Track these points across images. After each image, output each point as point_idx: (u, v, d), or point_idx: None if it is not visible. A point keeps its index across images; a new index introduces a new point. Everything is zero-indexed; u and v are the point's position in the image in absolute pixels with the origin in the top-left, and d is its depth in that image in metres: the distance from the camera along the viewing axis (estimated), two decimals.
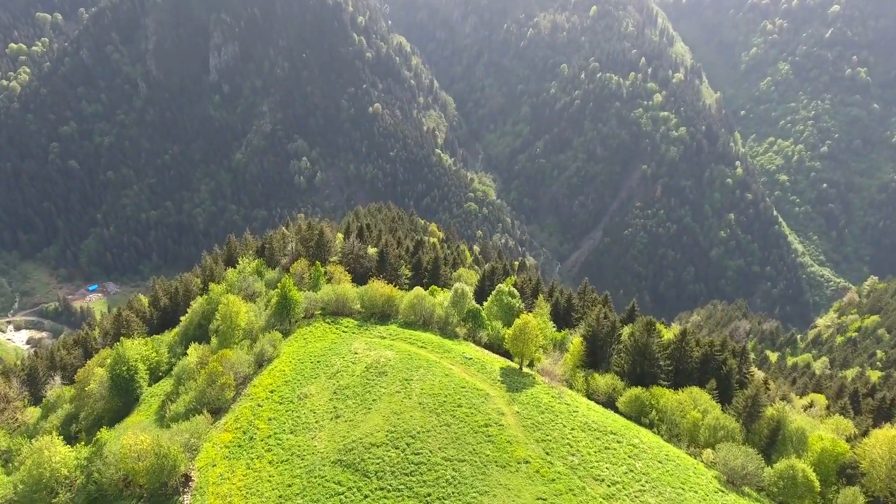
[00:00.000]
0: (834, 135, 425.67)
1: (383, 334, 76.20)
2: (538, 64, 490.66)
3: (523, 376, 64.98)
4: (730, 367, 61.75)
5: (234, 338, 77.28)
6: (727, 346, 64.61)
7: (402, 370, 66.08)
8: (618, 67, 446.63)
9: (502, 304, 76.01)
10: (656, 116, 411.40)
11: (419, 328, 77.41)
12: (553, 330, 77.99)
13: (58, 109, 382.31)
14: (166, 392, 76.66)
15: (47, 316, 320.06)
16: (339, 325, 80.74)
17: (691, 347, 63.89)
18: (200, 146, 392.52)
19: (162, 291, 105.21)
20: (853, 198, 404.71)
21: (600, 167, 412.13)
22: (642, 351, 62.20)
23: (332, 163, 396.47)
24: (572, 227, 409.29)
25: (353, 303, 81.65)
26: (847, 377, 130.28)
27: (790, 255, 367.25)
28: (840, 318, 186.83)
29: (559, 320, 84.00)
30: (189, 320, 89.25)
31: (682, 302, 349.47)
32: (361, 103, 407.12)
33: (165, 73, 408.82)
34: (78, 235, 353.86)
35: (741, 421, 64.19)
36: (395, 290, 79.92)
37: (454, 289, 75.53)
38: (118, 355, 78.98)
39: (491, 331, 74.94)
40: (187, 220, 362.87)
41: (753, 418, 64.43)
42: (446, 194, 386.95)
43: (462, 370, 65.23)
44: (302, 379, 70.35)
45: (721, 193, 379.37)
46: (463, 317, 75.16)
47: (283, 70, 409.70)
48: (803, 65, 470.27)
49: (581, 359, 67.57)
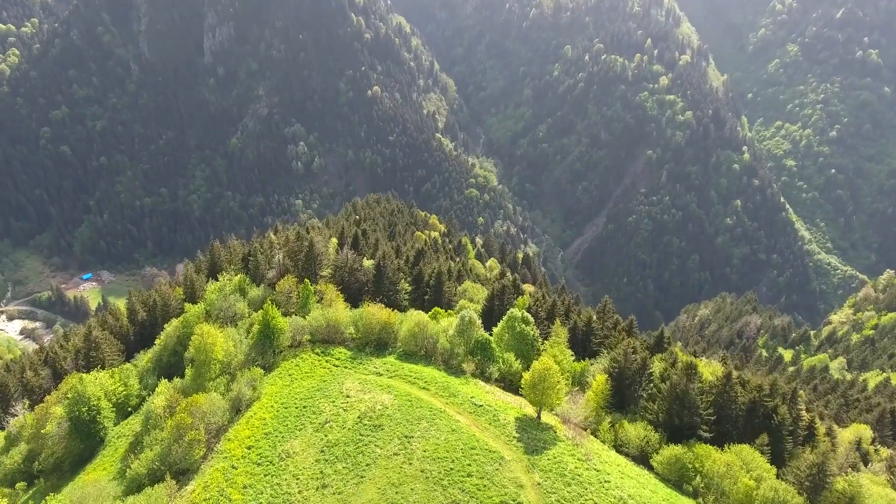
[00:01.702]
0: (843, 119, 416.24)
1: (380, 369, 66.79)
2: (541, 45, 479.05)
3: (542, 430, 56.00)
4: (782, 418, 54.10)
5: (210, 373, 68.93)
6: (777, 389, 56.58)
7: (402, 422, 56.28)
8: (623, 49, 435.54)
9: (515, 331, 67.39)
10: (662, 100, 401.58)
11: (420, 360, 68.65)
12: (571, 359, 69.81)
13: (48, 93, 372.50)
14: (134, 433, 68.52)
15: (41, 305, 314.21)
16: (330, 356, 70.68)
17: (737, 392, 56.44)
18: (195, 131, 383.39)
19: (139, 304, 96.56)
20: (862, 184, 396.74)
21: (604, 152, 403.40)
22: (681, 399, 54.83)
23: (331, 148, 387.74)
24: (575, 213, 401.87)
25: (347, 328, 72.56)
26: (868, 382, 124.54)
27: (797, 242, 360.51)
28: (856, 314, 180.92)
29: (577, 345, 75.17)
30: (163, 345, 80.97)
31: (687, 290, 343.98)
32: (360, 86, 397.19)
33: (158, 56, 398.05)
34: (71, 223, 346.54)
35: (804, 493, 54.31)
36: (393, 316, 71.46)
37: (460, 316, 67.15)
38: (77, 394, 69.74)
39: (503, 364, 66.48)
40: (182, 208, 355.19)
41: (819, 489, 54.79)
42: (447, 180, 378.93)
43: (471, 421, 55.71)
44: (284, 430, 59.83)
45: (727, 179, 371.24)
46: (470, 348, 66.42)
47: (279, 52, 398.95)
48: (812, 46, 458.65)
49: (606, 399, 59.42)
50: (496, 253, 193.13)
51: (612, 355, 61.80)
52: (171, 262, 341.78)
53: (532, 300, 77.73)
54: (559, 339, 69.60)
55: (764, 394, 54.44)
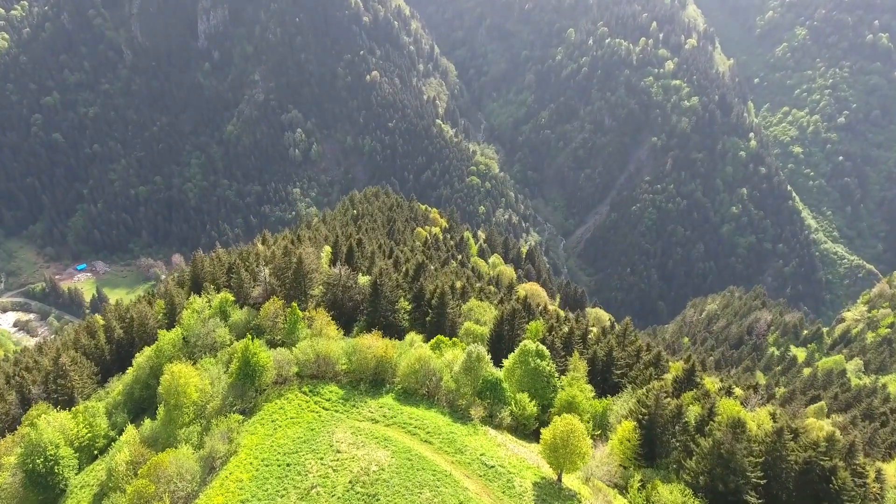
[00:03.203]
0: (852, 104, 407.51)
1: (375, 414, 58.21)
2: (544, 28, 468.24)
3: (565, 498, 48.11)
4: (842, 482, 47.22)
5: (182, 417, 60.89)
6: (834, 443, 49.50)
7: (401, 491, 47.35)
8: (627, 32, 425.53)
9: (528, 368, 59.59)
10: (667, 85, 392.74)
11: (422, 402, 60.37)
12: (592, 397, 62.19)
13: (39, 78, 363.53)
14: (99, 482, 60.73)
15: (34, 297, 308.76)
16: (320, 396, 61.86)
17: (789, 450, 49.57)
18: (190, 117, 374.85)
19: (116, 321, 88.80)
20: (870, 171, 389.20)
21: (608, 139, 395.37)
22: (726, 460, 48.51)
23: (329, 134, 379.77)
24: (578, 201, 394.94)
25: (338, 361, 64.07)
26: (889, 386, 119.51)
27: (803, 231, 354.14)
28: (870, 311, 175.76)
29: (596, 376, 67.75)
30: (134, 377, 73.12)
31: (691, 280, 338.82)
32: (358, 71, 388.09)
33: (151, 39, 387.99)
34: (64, 212, 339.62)
35: None
36: (391, 349, 63.10)
37: (467, 353, 59.28)
38: (31, 444, 62.19)
39: (515, 407, 58.77)
40: (178, 196, 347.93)
41: None
42: (447, 168, 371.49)
43: (481, 488, 47.54)
44: (264, 497, 50.49)
45: (734, 167, 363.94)
46: (478, 389, 58.67)
47: (275, 35, 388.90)
48: (821, 29, 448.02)
49: (633, 450, 52.58)
50: (499, 248, 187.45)
51: (640, 397, 55.27)
52: (166, 252, 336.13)
53: (546, 326, 70.63)
54: (578, 375, 63.36)
55: (820, 451, 47.87)
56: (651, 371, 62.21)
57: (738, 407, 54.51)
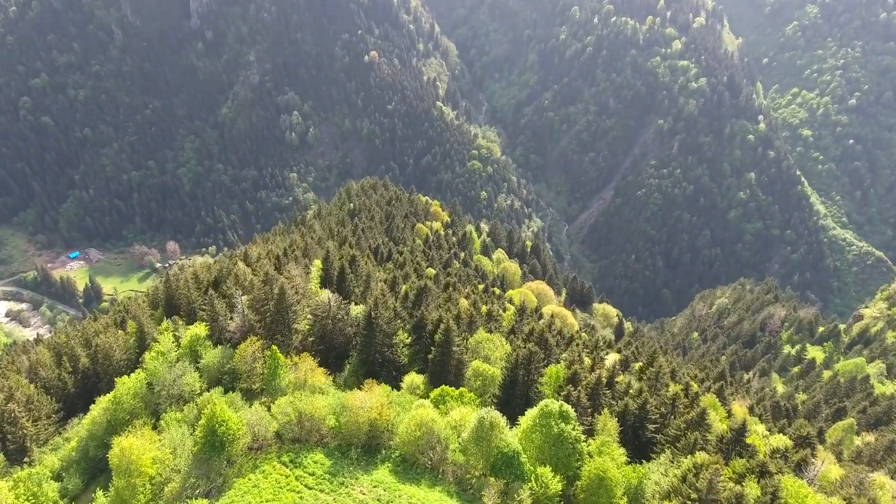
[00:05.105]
0: (863, 86, 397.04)
1: (368, 498, 48.75)
2: (547, 6, 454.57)
3: None
4: None
5: (137, 498, 51.06)
6: None
7: None
8: (634, 10, 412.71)
9: (550, 433, 50.40)
10: (675, 66, 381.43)
11: (424, 475, 51.57)
12: (623, 462, 53.02)
13: (27, 60, 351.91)
14: None
15: (26, 286, 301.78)
16: (303, 469, 51.99)
17: None
18: (183, 100, 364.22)
19: (81, 348, 79.06)
20: (880, 155, 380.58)
21: (613, 121, 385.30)
22: None
23: (326, 117, 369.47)
24: (581, 186, 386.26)
25: (325, 421, 54.79)
26: None
27: (812, 217, 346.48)
28: (890, 308, 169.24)
29: (626, 432, 57.67)
30: (89, 433, 62.97)
31: (697, 267, 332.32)
32: (356, 51, 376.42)
33: (142, 18, 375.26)
34: (56, 198, 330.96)
35: None
36: (386, 409, 54.24)
37: (478, 420, 50.00)
38: None
39: (536, 485, 49.15)
40: (172, 182, 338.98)
41: None
42: (448, 151, 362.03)
43: None
44: None
45: (742, 151, 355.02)
46: (492, 462, 49.75)
47: (270, 14, 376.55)
48: (833, 8, 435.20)
49: None
50: (503, 241, 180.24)
51: (685, 472, 47.87)
52: (160, 239, 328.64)
53: (567, 372, 61.52)
54: (608, 438, 54.53)
55: None
56: (696, 437, 53.79)
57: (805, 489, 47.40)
